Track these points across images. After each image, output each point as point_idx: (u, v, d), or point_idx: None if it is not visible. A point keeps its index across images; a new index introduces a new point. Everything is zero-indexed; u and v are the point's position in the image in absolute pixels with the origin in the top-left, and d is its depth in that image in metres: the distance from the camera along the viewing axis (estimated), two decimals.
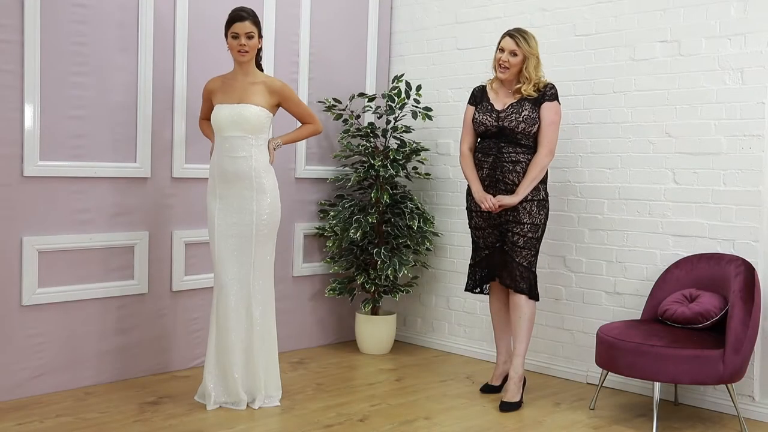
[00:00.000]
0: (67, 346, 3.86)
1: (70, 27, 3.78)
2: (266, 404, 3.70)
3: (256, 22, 3.65)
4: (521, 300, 3.85)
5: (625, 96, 4.18)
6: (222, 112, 3.66)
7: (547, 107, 3.82)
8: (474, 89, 4.05)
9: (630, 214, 4.17)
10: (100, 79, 3.91)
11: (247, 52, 3.63)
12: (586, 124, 4.33)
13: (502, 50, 3.81)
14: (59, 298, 3.82)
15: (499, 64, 3.82)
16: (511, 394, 3.82)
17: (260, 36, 3.69)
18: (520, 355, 3.86)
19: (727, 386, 3.52)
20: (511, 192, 3.80)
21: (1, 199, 3.63)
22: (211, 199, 3.71)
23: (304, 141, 4.80)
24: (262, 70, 3.83)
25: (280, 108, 3.82)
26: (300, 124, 3.97)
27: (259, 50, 3.76)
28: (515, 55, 3.78)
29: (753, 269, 3.62)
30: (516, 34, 3.80)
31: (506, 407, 3.78)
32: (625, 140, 4.18)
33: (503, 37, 3.84)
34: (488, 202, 3.78)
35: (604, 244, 4.27)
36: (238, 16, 3.62)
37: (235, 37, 3.61)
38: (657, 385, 3.51)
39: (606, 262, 4.26)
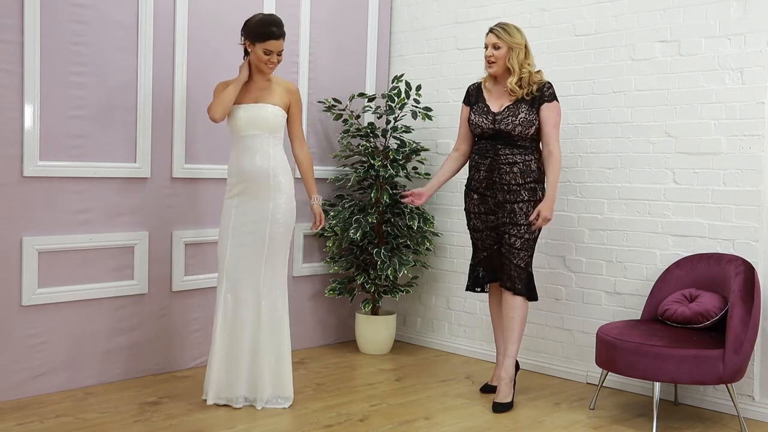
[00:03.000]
0: (66, 346, 3.86)
1: (70, 27, 3.78)
2: (270, 405, 3.68)
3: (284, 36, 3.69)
4: (516, 301, 3.84)
5: (625, 96, 4.18)
6: (239, 113, 3.66)
7: (548, 108, 3.80)
8: (469, 87, 4.03)
9: (630, 214, 4.17)
10: (100, 79, 3.91)
11: (274, 66, 3.68)
12: (586, 124, 4.33)
13: (486, 47, 3.83)
14: (59, 298, 3.82)
15: (487, 62, 3.83)
16: (503, 394, 3.82)
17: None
18: (511, 356, 3.86)
19: (727, 386, 3.52)
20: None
21: (1, 199, 3.63)
22: (227, 198, 3.72)
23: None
24: None
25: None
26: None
27: None
28: (498, 48, 3.78)
29: (753, 269, 3.62)
30: (495, 28, 3.81)
31: (498, 408, 3.77)
32: (625, 140, 4.19)
33: (486, 34, 3.85)
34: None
35: (604, 244, 4.27)
36: (274, 33, 3.61)
37: (268, 53, 3.62)
38: (657, 385, 3.51)
39: (606, 262, 4.26)
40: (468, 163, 4.01)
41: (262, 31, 3.60)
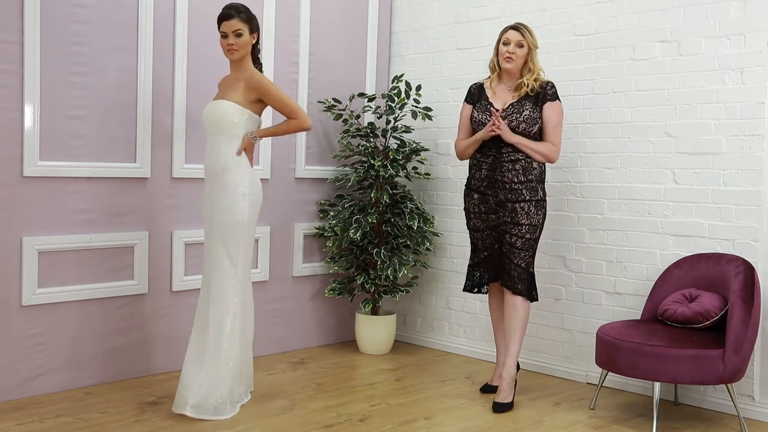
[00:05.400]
0: (67, 346, 3.86)
1: (70, 27, 3.78)
2: (224, 416, 3.53)
3: (247, 19, 3.55)
4: (517, 301, 3.84)
5: (625, 96, 4.19)
6: (204, 111, 3.67)
7: (550, 107, 3.82)
8: (471, 87, 4.04)
9: (630, 214, 4.17)
10: (100, 79, 3.91)
11: (236, 50, 3.55)
12: (586, 124, 4.33)
13: (507, 43, 3.82)
14: (59, 298, 3.82)
15: (505, 58, 3.82)
16: (504, 394, 3.82)
17: (253, 32, 3.59)
18: (513, 356, 3.86)
19: (727, 386, 3.52)
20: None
21: (1, 199, 3.63)
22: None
23: (303, 141, 4.81)
24: (260, 65, 3.73)
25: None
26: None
27: (255, 46, 3.65)
28: (521, 46, 3.80)
29: (753, 269, 3.62)
30: (521, 27, 3.84)
31: (499, 408, 3.77)
32: (625, 140, 4.19)
33: (506, 30, 3.85)
34: (493, 122, 3.75)
35: (604, 244, 4.27)
36: (225, 14, 3.54)
37: (224, 36, 3.54)
38: (657, 385, 3.51)
39: (606, 262, 4.26)
40: (469, 162, 4.01)
41: (218, 16, 3.58)
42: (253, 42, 3.62)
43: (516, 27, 3.84)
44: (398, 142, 4.87)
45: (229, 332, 3.53)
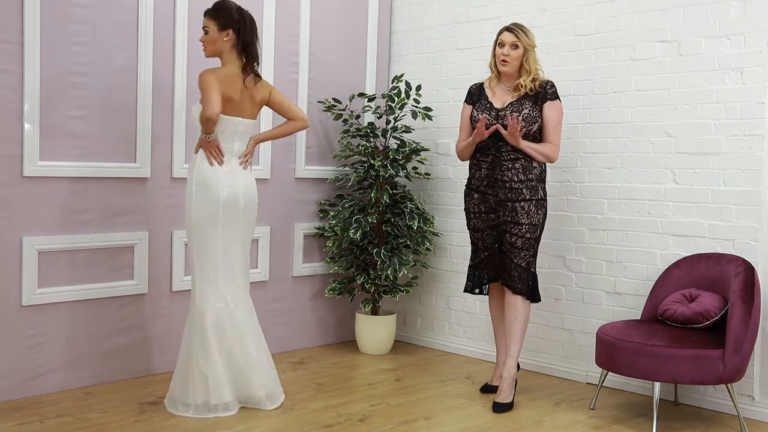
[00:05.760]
0: (67, 346, 3.86)
1: (70, 27, 3.78)
2: (175, 412, 3.56)
3: (217, 16, 3.55)
4: (518, 301, 3.84)
5: (625, 96, 4.19)
6: None
7: (550, 107, 3.81)
8: (471, 87, 4.04)
9: (630, 214, 4.17)
10: (100, 79, 3.91)
11: (204, 48, 3.62)
12: (586, 124, 4.33)
13: (502, 45, 3.81)
14: (59, 298, 3.82)
15: (500, 61, 3.82)
16: (504, 394, 3.82)
17: (225, 29, 3.54)
18: (513, 356, 3.86)
19: (727, 386, 3.52)
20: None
21: (1, 199, 3.63)
22: None
23: (303, 141, 4.81)
24: (252, 64, 3.66)
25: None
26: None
27: (239, 42, 3.58)
28: (516, 47, 3.79)
29: (753, 269, 3.62)
30: (515, 28, 3.82)
31: (499, 408, 3.77)
32: (625, 140, 4.19)
33: (501, 32, 3.84)
34: (512, 125, 3.69)
35: (604, 244, 4.27)
36: (204, 12, 3.61)
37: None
38: (657, 385, 3.51)
39: (606, 262, 4.26)
40: (469, 162, 4.01)
41: None
42: (226, 39, 3.57)
43: (510, 28, 3.83)
44: (398, 142, 4.87)
45: (187, 332, 3.60)
